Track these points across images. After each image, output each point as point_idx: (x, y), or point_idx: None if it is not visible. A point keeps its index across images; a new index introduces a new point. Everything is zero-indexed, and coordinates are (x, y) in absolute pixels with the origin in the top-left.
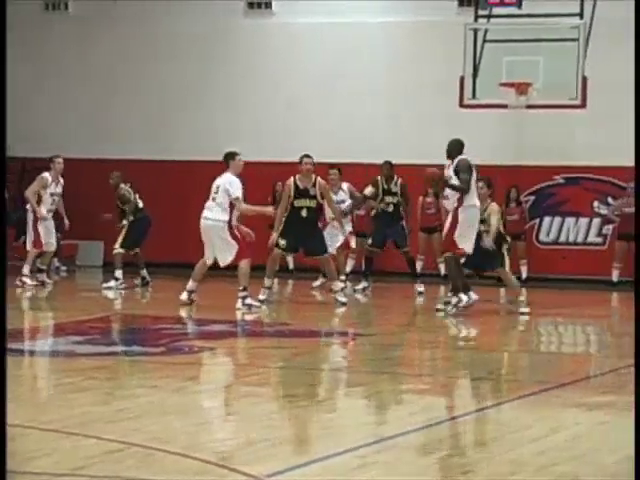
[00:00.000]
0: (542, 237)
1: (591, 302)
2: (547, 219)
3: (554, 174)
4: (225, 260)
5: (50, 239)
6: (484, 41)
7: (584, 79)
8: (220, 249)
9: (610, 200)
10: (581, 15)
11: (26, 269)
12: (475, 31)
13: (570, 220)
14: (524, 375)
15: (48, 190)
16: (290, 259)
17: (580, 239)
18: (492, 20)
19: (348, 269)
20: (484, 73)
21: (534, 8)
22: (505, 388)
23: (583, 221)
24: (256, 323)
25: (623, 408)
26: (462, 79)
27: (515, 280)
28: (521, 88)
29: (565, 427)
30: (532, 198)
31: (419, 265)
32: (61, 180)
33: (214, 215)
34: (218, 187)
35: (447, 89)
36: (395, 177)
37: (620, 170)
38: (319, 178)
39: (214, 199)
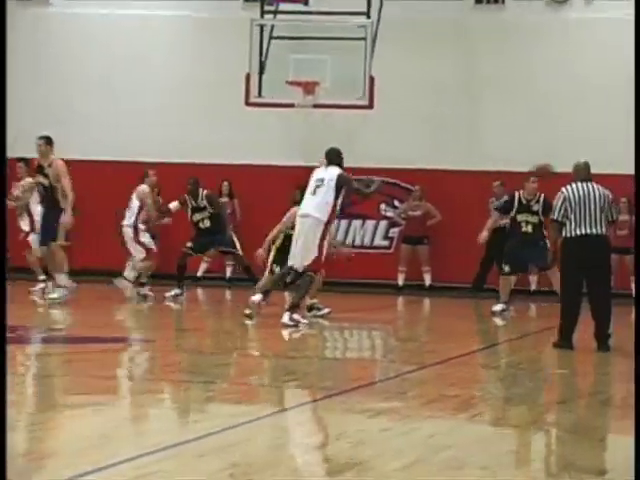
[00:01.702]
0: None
1: (377, 306)
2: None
3: None
4: None
5: None
6: (270, 38)
7: (371, 79)
8: None
9: (397, 203)
10: (368, 14)
11: None
12: (261, 27)
13: (357, 223)
14: (309, 381)
15: None
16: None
17: (367, 242)
18: (279, 16)
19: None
20: (271, 71)
21: (321, 5)
22: (289, 394)
23: (370, 224)
24: (27, 329)
25: (406, 414)
26: (248, 76)
27: None
28: (308, 87)
29: (348, 434)
30: None
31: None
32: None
33: None
34: None
35: (233, 86)
36: (200, 191)
37: (407, 173)
38: (57, 159)
39: None
